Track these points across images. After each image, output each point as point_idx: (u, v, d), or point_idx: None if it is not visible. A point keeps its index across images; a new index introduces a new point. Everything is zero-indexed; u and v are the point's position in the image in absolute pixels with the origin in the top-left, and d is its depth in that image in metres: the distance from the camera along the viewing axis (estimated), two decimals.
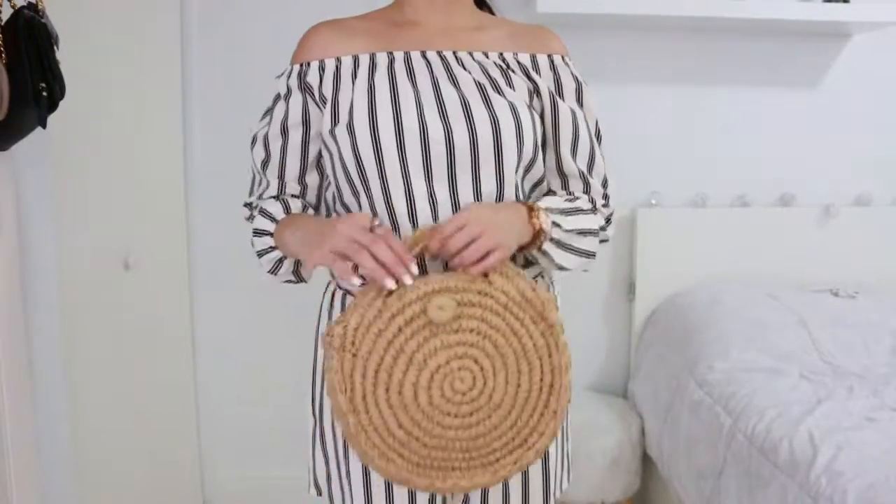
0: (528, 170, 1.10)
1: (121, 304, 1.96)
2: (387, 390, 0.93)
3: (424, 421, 0.94)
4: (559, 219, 1.07)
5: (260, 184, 1.18)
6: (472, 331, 0.94)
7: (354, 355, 0.93)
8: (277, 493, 2.41)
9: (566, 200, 1.13)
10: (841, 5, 2.20)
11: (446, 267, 0.98)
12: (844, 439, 1.55)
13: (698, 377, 2.01)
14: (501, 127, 1.04)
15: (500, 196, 1.05)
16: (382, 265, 0.91)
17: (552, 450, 1.16)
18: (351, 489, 1.13)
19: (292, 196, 1.17)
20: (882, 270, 2.43)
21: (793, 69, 2.42)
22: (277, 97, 1.14)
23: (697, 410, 1.94)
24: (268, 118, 1.15)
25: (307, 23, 1.21)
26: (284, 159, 1.13)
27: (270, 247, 1.13)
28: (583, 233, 1.10)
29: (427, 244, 0.95)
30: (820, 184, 2.45)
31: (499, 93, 1.06)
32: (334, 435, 1.15)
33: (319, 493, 1.22)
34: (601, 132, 1.19)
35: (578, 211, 1.11)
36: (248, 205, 1.20)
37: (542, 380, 0.97)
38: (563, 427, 1.19)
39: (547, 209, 1.06)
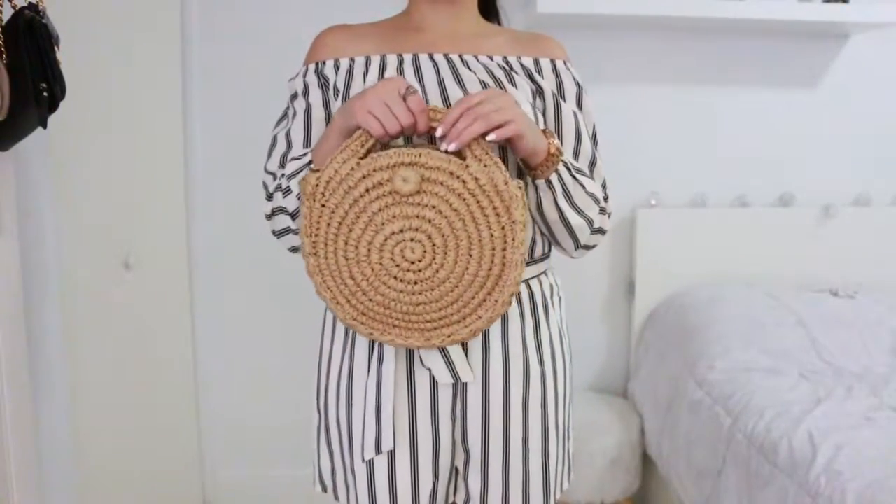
0: None
1: (121, 304, 1.96)
2: (345, 243, 1.02)
3: (372, 277, 1.02)
4: (569, 165, 1.08)
5: (275, 179, 1.13)
6: (432, 207, 0.99)
7: (323, 205, 1.01)
8: (277, 493, 2.41)
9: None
10: (840, 5, 2.20)
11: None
12: (844, 439, 1.55)
13: (698, 377, 2.01)
14: None
15: None
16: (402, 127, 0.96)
17: (553, 448, 1.15)
18: (355, 483, 1.14)
19: None
20: (882, 270, 2.44)
21: (793, 69, 2.42)
22: (295, 95, 1.15)
23: (697, 410, 1.94)
24: (286, 119, 1.16)
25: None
26: (309, 145, 1.13)
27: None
28: (587, 193, 1.10)
29: (443, 115, 0.99)
30: (820, 184, 2.45)
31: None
32: (339, 429, 1.16)
33: (324, 489, 1.23)
34: (597, 136, 1.20)
35: (585, 176, 1.12)
36: (267, 184, 1.14)
37: (490, 270, 1.01)
38: (563, 426, 1.19)
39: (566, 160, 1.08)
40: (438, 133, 0.97)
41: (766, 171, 2.44)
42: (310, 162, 1.07)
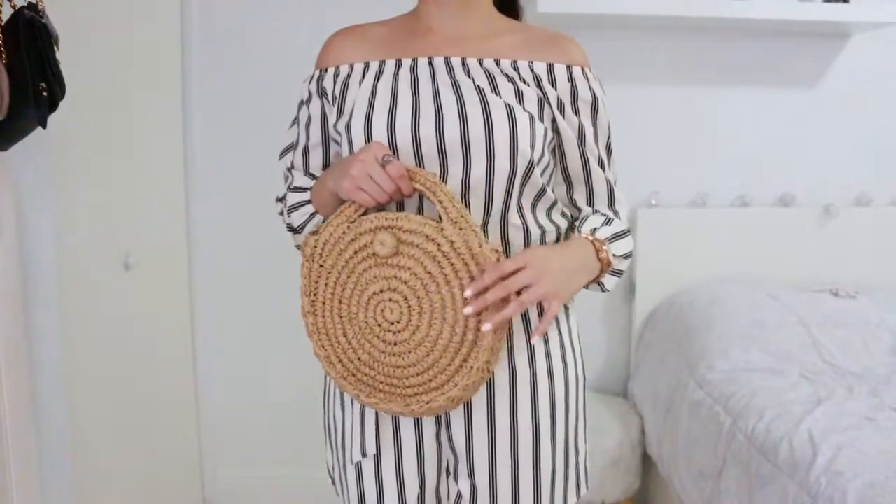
0: (527, 175, 1.08)
1: (121, 304, 1.96)
2: (340, 302, 1.07)
3: (360, 335, 1.07)
4: (613, 247, 1.13)
5: (287, 179, 1.23)
6: (408, 269, 1.02)
7: (321, 266, 1.07)
8: (277, 493, 2.41)
9: (605, 223, 1.15)
10: (841, 5, 2.20)
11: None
12: (844, 439, 1.55)
13: (698, 377, 2.01)
14: (494, 126, 1.04)
15: (489, 196, 1.06)
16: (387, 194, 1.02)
17: (546, 463, 1.12)
18: (347, 482, 1.17)
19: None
20: (882, 270, 2.43)
21: (793, 69, 2.42)
22: (301, 102, 1.20)
23: (697, 410, 1.94)
24: (295, 124, 1.22)
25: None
26: (308, 154, 1.20)
27: (311, 214, 1.16)
28: (626, 256, 1.16)
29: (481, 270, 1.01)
30: (820, 184, 2.45)
31: (498, 96, 1.07)
32: (335, 429, 1.19)
33: (333, 482, 1.25)
34: (611, 146, 1.20)
35: (621, 235, 1.15)
36: (280, 199, 1.24)
37: (464, 335, 1.01)
38: (566, 442, 1.15)
39: (605, 240, 1.12)
40: (467, 294, 0.98)
41: (766, 171, 2.44)
42: (309, 201, 1.15)
